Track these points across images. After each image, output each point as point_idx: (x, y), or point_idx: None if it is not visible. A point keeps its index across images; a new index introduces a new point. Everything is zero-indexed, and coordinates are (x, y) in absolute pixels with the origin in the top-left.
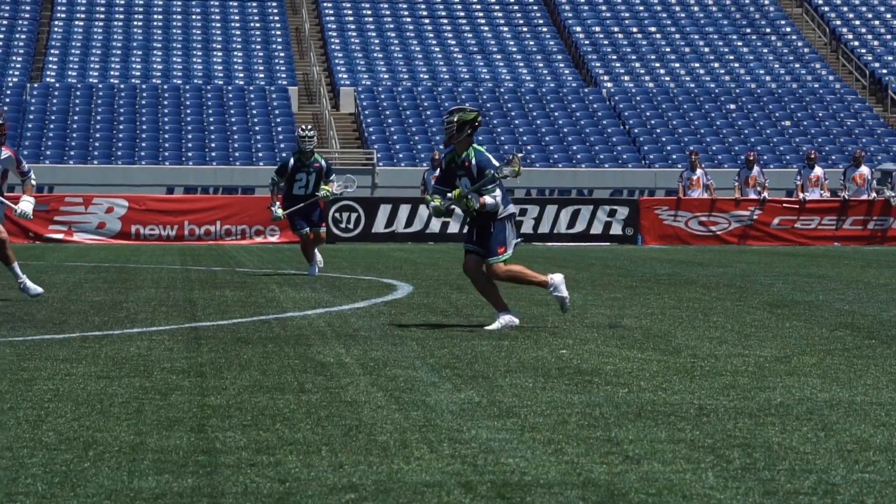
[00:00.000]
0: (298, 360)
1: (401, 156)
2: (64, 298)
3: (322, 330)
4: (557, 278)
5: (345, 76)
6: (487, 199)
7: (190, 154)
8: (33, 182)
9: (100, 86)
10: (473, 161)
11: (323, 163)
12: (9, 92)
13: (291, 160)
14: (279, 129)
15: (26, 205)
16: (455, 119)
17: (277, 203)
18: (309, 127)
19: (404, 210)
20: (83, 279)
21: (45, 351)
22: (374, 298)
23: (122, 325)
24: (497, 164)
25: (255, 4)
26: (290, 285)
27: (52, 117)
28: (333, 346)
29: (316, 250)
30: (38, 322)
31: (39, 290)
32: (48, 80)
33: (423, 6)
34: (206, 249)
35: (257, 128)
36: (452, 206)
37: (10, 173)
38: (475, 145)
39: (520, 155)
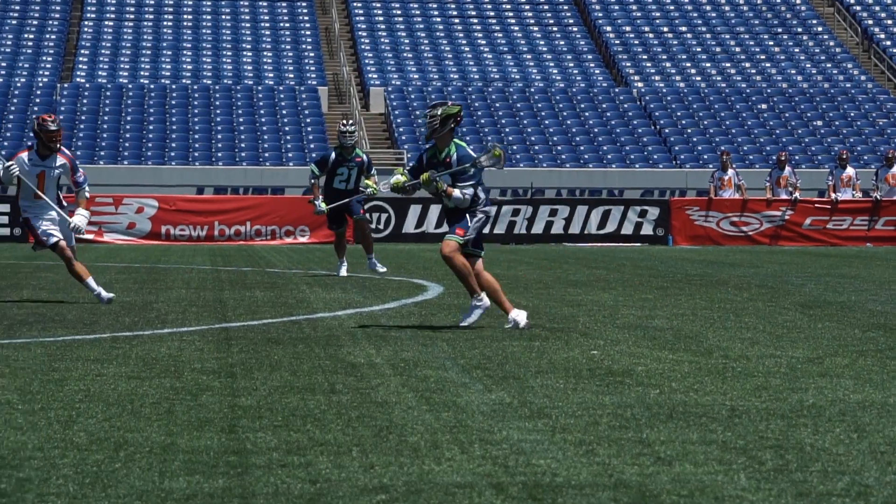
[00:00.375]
0: (329, 360)
1: None
2: (94, 299)
3: (352, 331)
4: (486, 302)
5: (375, 76)
6: (455, 192)
7: (220, 154)
8: (87, 195)
9: (129, 86)
10: (454, 156)
11: (364, 157)
12: (39, 92)
13: (333, 154)
14: (309, 129)
15: (80, 219)
16: (439, 113)
17: (321, 197)
18: (350, 122)
19: (435, 210)
20: (113, 280)
21: (76, 351)
22: (405, 299)
23: (153, 326)
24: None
25: (284, 4)
26: (320, 286)
27: (83, 118)
28: (364, 347)
29: (372, 254)
30: (69, 322)
31: (110, 294)
32: (78, 80)
33: (453, 6)
34: (236, 250)
35: (287, 128)
36: (414, 185)
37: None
38: (457, 140)
39: (499, 145)
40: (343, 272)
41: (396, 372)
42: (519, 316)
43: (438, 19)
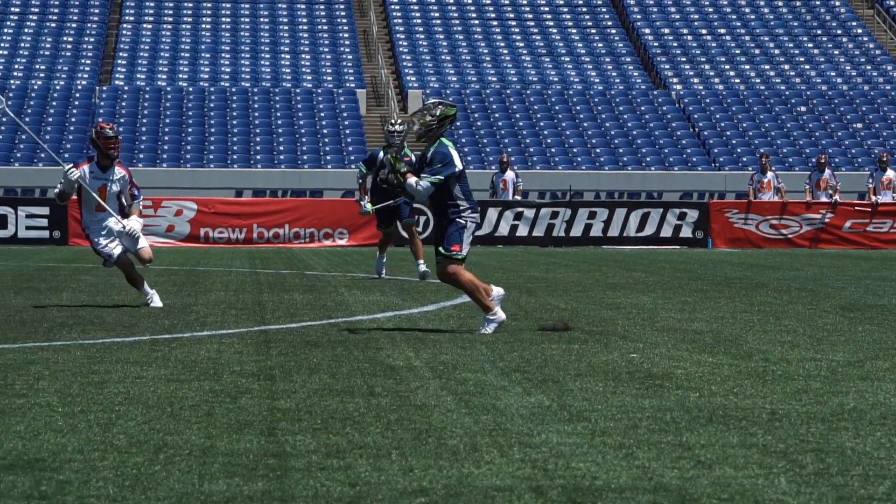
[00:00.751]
0: (368, 363)
1: (469, 158)
2: (134, 301)
3: (391, 333)
4: (501, 316)
5: (413, 79)
6: (411, 179)
7: (258, 157)
8: (141, 207)
9: (168, 89)
10: (431, 151)
11: (413, 157)
12: (78, 95)
13: (381, 153)
14: (347, 131)
15: (135, 222)
16: (437, 113)
17: (366, 197)
18: (399, 121)
19: None
20: (152, 282)
21: (116, 354)
22: (444, 302)
23: (192, 329)
24: (456, 163)
25: (322, 7)
26: (359, 288)
27: (121, 120)
28: (403, 350)
29: (421, 260)
30: (109, 325)
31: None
32: (117, 83)
33: (491, 8)
34: (275, 252)
35: (325, 131)
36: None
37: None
38: (444, 139)
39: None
40: (383, 272)
41: (435, 375)
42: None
43: (476, 21)
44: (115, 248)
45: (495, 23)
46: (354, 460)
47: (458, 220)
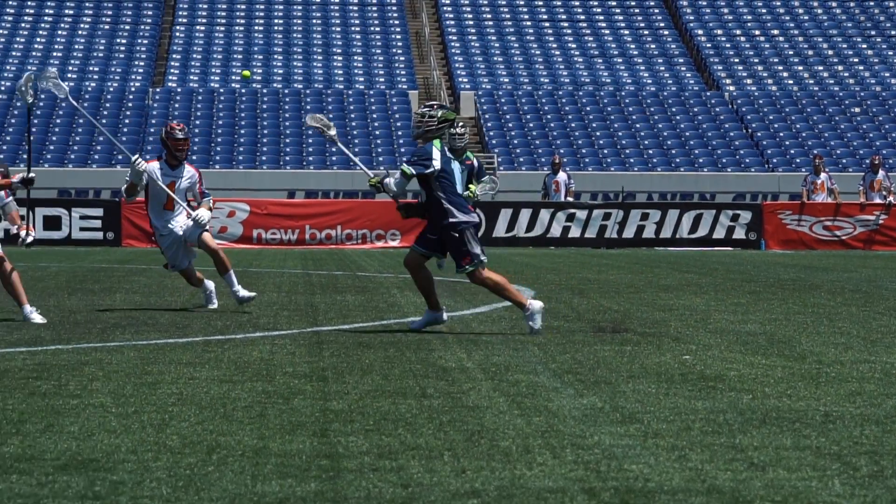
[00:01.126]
0: (420, 364)
1: (521, 160)
2: (186, 303)
3: (443, 335)
4: (536, 305)
5: (465, 80)
6: (388, 180)
7: (311, 158)
8: (211, 205)
9: (221, 90)
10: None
11: (475, 161)
12: (131, 97)
13: None
14: (399, 133)
15: (204, 211)
16: (438, 115)
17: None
18: (461, 124)
19: (525, 214)
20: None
21: (169, 355)
22: (496, 303)
23: (245, 330)
24: (433, 163)
25: (375, 8)
26: (411, 290)
27: (175, 122)
28: (455, 351)
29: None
30: (162, 326)
31: (250, 294)
32: (170, 84)
33: (543, 9)
34: (328, 254)
35: (378, 132)
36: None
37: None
38: (437, 141)
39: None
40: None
41: (488, 376)
42: (442, 319)
43: (528, 23)
44: (180, 264)
45: (547, 24)
46: (407, 461)
47: (453, 232)
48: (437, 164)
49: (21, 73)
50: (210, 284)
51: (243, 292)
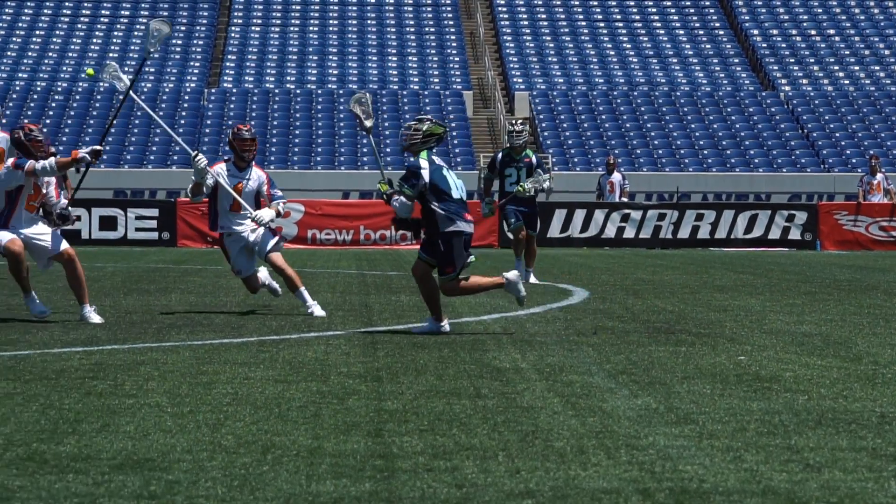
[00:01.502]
0: (474, 365)
1: (576, 160)
2: (241, 303)
3: (497, 335)
4: (512, 275)
5: (519, 80)
6: (393, 199)
7: (365, 159)
8: (281, 206)
9: (276, 91)
10: (408, 163)
11: (534, 158)
12: (187, 97)
13: (500, 155)
14: (454, 133)
15: (266, 211)
16: (424, 129)
17: (486, 199)
18: (519, 121)
19: (580, 215)
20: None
21: (224, 355)
22: (550, 304)
23: (300, 330)
24: (422, 176)
25: (429, 9)
26: None
27: (229, 122)
28: (509, 352)
29: (531, 271)
30: (217, 326)
31: (322, 314)
32: (225, 85)
33: (598, 9)
34: (382, 254)
35: None
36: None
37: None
38: (424, 153)
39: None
40: (525, 275)
41: (542, 377)
42: (433, 325)
43: (583, 23)
44: (243, 271)
45: (602, 24)
46: (461, 461)
47: (440, 241)
48: (425, 176)
49: (78, 73)
50: (263, 273)
51: (317, 311)
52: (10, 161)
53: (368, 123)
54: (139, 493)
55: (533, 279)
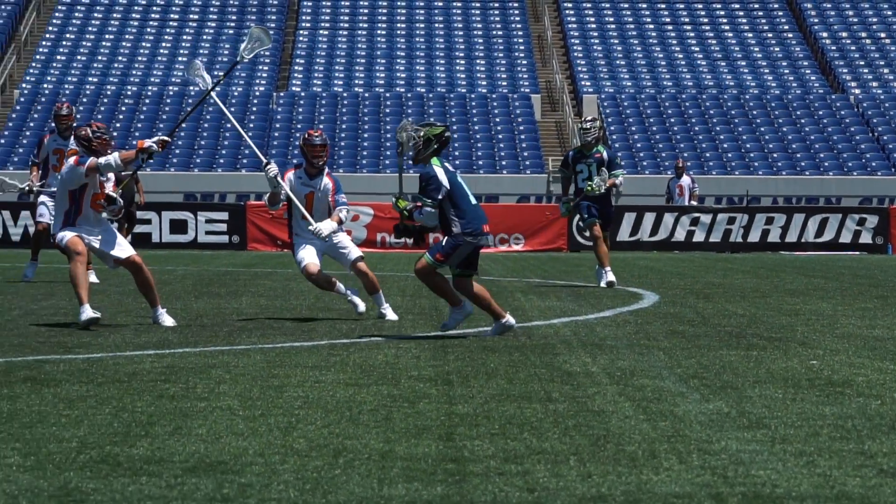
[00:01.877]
0: (545, 368)
1: (645, 164)
2: (311, 306)
3: (568, 339)
4: (469, 308)
5: (587, 84)
6: (419, 215)
7: None
8: (343, 214)
9: (344, 94)
10: (423, 173)
11: (605, 154)
12: (255, 101)
13: (571, 152)
14: (522, 136)
15: (327, 224)
16: (422, 134)
17: (564, 198)
18: (590, 118)
19: (649, 218)
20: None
21: (295, 358)
22: (620, 307)
23: (370, 333)
24: (441, 182)
25: (497, 12)
26: (535, 294)
27: (298, 126)
28: (580, 356)
29: (607, 268)
30: (288, 329)
31: (394, 317)
32: (294, 88)
33: (666, 13)
34: None
35: (500, 136)
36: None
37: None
38: (434, 159)
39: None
40: (605, 279)
41: (613, 381)
42: (469, 310)
43: (651, 26)
44: (307, 260)
45: (670, 27)
46: (532, 465)
47: (450, 238)
48: (444, 183)
49: (147, 77)
50: (342, 287)
51: (390, 315)
52: (72, 159)
53: (403, 157)
54: (212, 495)
55: (611, 276)
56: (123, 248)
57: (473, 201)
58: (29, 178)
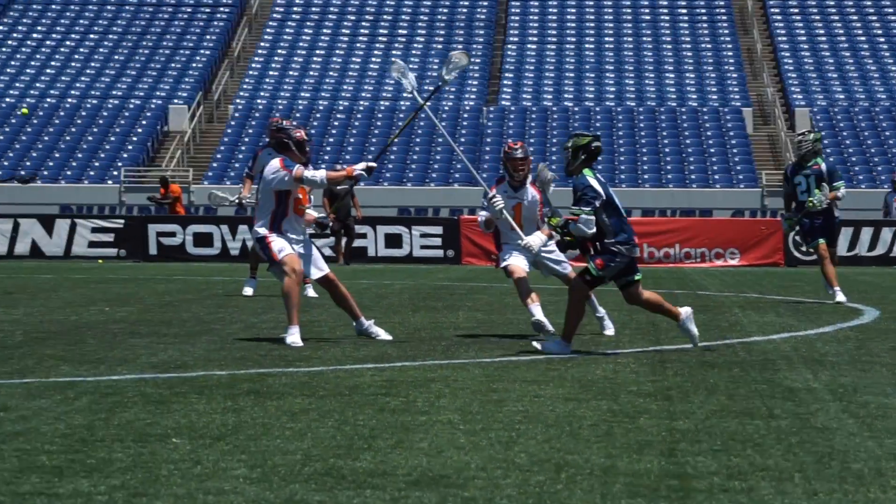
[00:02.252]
0: (766, 384)
1: (861, 177)
2: (528, 321)
3: (788, 354)
4: (568, 350)
5: (799, 96)
6: (580, 225)
7: (646, 176)
8: (550, 230)
9: (554, 108)
10: (574, 183)
11: (823, 166)
12: (466, 115)
13: (790, 165)
14: (734, 150)
15: (536, 238)
16: (569, 145)
17: (786, 215)
18: (803, 131)
19: (867, 233)
20: (546, 301)
21: (513, 372)
22: (840, 323)
23: (587, 348)
24: (598, 191)
25: (706, 25)
26: (753, 309)
27: (508, 140)
28: (801, 371)
29: (836, 287)
30: (505, 344)
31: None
32: (503, 102)
33: (877, 24)
34: (667, 272)
35: (712, 150)
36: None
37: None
38: (586, 170)
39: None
40: (836, 298)
41: (835, 397)
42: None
43: (862, 38)
44: (510, 266)
45: (882, 38)
46: (757, 482)
47: (606, 248)
48: (601, 191)
49: (359, 92)
50: (538, 310)
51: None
52: (278, 161)
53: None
54: None
55: (841, 296)
56: (318, 267)
57: (624, 214)
58: (240, 191)
